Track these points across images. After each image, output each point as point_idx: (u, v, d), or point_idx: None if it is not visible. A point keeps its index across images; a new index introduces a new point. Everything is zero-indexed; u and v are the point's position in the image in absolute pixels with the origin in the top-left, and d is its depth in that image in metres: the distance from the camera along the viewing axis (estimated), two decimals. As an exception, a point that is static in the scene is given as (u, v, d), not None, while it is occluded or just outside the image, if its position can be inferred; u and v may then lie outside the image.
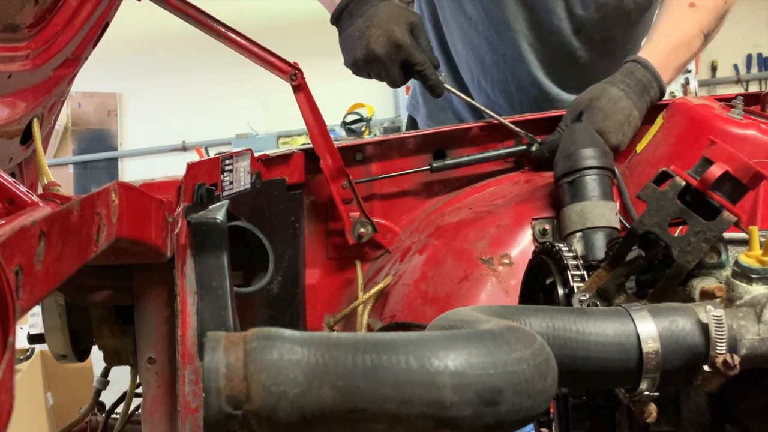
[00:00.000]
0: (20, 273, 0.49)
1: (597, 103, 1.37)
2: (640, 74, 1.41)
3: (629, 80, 1.40)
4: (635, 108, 1.37)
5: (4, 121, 0.91)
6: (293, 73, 1.30)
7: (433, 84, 1.44)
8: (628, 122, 1.36)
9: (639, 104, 1.38)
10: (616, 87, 1.39)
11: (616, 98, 1.37)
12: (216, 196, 1.05)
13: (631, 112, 1.37)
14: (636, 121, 1.37)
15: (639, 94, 1.38)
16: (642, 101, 1.39)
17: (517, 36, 1.67)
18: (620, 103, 1.37)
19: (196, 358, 0.94)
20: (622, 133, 1.35)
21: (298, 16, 5.78)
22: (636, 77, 1.41)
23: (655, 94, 1.41)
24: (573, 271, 0.90)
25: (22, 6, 0.92)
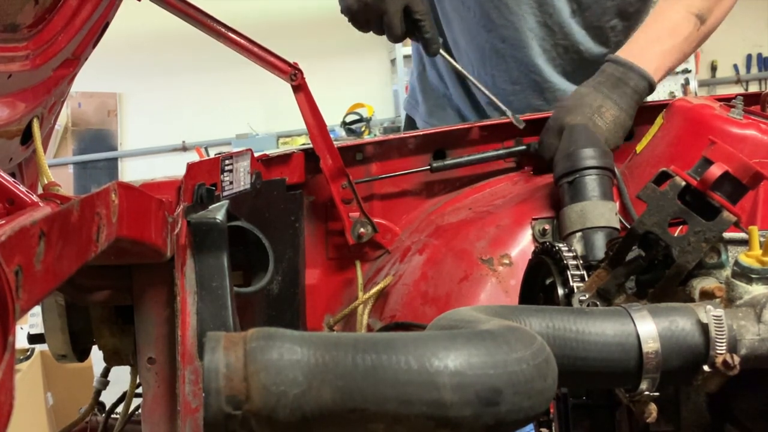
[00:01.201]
0: (20, 273, 0.49)
1: (562, 102, 1.40)
2: (611, 69, 1.40)
3: (599, 77, 1.40)
4: (608, 99, 1.36)
5: (4, 121, 0.91)
6: (293, 73, 1.30)
7: (430, 38, 1.42)
8: (599, 114, 1.34)
9: (613, 96, 1.36)
10: (584, 87, 1.40)
11: (583, 94, 1.38)
12: (216, 196, 1.05)
13: (603, 104, 1.35)
14: (613, 112, 1.35)
15: (611, 87, 1.37)
16: (618, 92, 1.37)
17: (516, 19, 1.66)
18: (587, 99, 1.36)
19: (196, 358, 0.94)
20: (592, 123, 1.34)
21: (298, 16, 5.79)
22: (606, 73, 1.40)
23: (637, 83, 1.38)
24: (573, 271, 0.90)
25: (22, 6, 0.92)
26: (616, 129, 1.35)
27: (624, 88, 1.37)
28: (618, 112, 1.36)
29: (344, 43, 5.87)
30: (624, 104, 1.36)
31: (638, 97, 1.38)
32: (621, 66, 1.39)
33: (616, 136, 1.36)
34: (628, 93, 1.37)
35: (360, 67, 6.03)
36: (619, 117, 1.36)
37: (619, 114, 1.36)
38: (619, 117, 1.36)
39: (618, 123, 1.35)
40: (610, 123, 1.35)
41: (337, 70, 5.71)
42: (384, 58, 6.03)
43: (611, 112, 1.35)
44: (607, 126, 1.34)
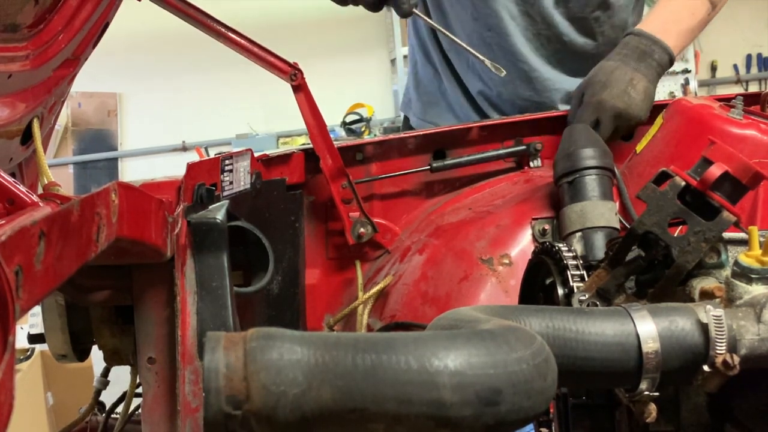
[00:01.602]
0: (20, 273, 0.49)
1: (594, 78, 1.40)
2: (635, 42, 1.41)
3: (624, 50, 1.41)
4: (637, 72, 1.37)
5: (4, 121, 0.91)
6: (293, 73, 1.30)
7: None
8: (632, 86, 1.36)
9: (641, 68, 1.38)
10: (610, 61, 1.41)
11: (612, 68, 1.39)
12: (216, 196, 1.05)
13: (633, 76, 1.37)
14: (643, 83, 1.37)
15: (637, 59, 1.39)
16: (644, 65, 1.39)
17: (499, 7, 1.65)
18: (617, 72, 1.38)
19: (196, 358, 0.94)
20: (628, 97, 1.35)
21: (298, 16, 5.78)
22: (631, 45, 1.41)
23: (660, 56, 1.40)
24: (573, 271, 0.90)
25: (22, 6, 0.92)
26: (647, 101, 1.38)
27: (649, 60, 1.39)
28: (647, 84, 1.38)
29: (344, 43, 5.87)
30: (650, 76, 1.39)
31: (661, 70, 1.41)
32: (645, 39, 1.41)
33: (646, 107, 1.38)
34: (653, 65, 1.39)
35: (360, 67, 6.03)
36: (648, 88, 1.38)
37: (648, 85, 1.38)
38: (649, 88, 1.38)
39: (648, 94, 1.38)
40: (642, 94, 1.37)
41: (337, 70, 5.71)
42: (384, 58, 6.02)
43: (642, 84, 1.37)
44: (640, 98, 1.37)
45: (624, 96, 1.36)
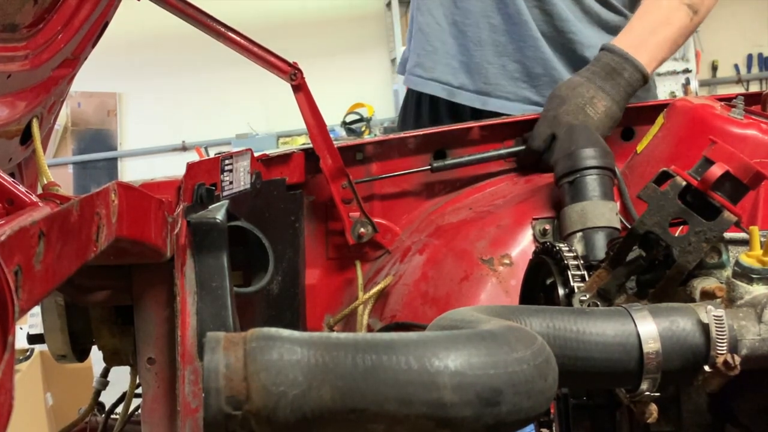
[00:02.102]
0: (20, 273, 0.49)
1: (555, 92, 1.40)
2: (607, 59, 1.40)
3: (594, 67, 1.41)
4: (601, 90, 1.37)
5: (3, 121, 0.91)
6: (293, 72, 1.30)
7: None
8: (592, 104, 1.35)
9: (606, 87, 1.37)
10: (578, 76, 1.41)
11: (576, 84, 1.39)
12: (216, 196, 1.05)
13: (595, 95, 1.36)
14: (605, 103, 1.36)
15: (605, 78, 1.38)
16: (611, 84, 1.38)
17: None
18: (579, 89, 1.37)
19: (195, 359, 0.94)
20: (584, 114, 1.35)
21: (298, 16, 5.79)
22: (602, 62, 1.40)
23: (631, 75, 1.39)
24: (573, 271, 0.90)
25: (22, 6, 0.91)
26: (606, 120, 1.37)
27: (618, 79, 1.38)
28: (610, 104, 1.37)
29: (344, 43, 5.87)
30: (616, 95, 1.38)
31: (631, 89, 1.39)
32: (617, 56, 1.40)
33: (606, 127, 1.37)
34: (621, 84, 1.38)
35: (360, 67, 6.03)
36: (610, 108, 1.37)
37: (611, 105, 1.37)
38: (611, 108, 1.37)
39: (609, 114, 1.37)
40: (602, 114, 1.36)
41: (337, 70, 5.71)
42: (384, 57, 6.02)
43: (603, 103, 1.36)
44: (598, 116, 1.36)
45: (580, 113, 1.35)
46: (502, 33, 1.67)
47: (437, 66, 1.74)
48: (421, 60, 1.77)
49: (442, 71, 1.73)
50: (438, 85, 1.74)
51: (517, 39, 1.65)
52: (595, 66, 1.41)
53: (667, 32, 1.45)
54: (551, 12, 1.62)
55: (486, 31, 1.68)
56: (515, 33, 1.64)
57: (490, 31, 1.68)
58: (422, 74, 1.77)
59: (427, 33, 1.76)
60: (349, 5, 5.93)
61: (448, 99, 1.72)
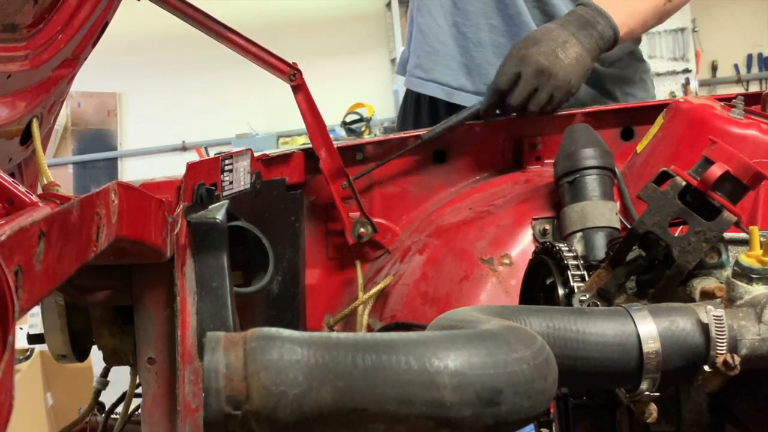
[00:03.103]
0: (20, 273, 0.49)
1: (528, 35, 1.40)
2: (581, 11, 1.41)
3: (568, 17, 1.41)
4: (573, 37, 1.37)
5: (3, 121, 0.91)
6: (292, 73, 1.30)
7: None
8: (563, 48, 1.35)
9: (579, 35, 1.37)
10: (552, 23, 1.41)
11: (550, 29, 1.39)
12: (216, 196, 1.05)
13: (568, 39, 1.36)
14: (577, 49, 1.36)
15: (578, 27, 1.38)
16: (584, 33, 1.38)
17: None
18: (553, 33, 1.37)
19: (196, 358, 0.94)
20: (554, 56, 1.34)
21: (298, 16, 5.78)
22: (576, 14, 1.41)
23: (603, 29, 1.39)
24: (573, 271, 0.90)
25: (22, 6, 0.91)
26: (578, 67, 1.36)
27: (590, 30, 1.38)
28: (581, 51, 1.36)
29: (344, 43, 5.87)
30: (588, 45, 1.37)
31: (602, 43, 1.39)
32: (591, 10, 1.40)
33: (577, 74, 1.36)
34: (594, 36, 1.38)
35: (360, 67, 6.03)
36: (582, 56, 1.36)
37: (582, 53, 1.36)
38: (582, 56, 1.36)
39: (580, 62, 1.36)
40: (573, 59, 1.36)
41: (337, 70, 5.71)
42: (384, 57, 6.02)
43: (575, 50, 1.36)
44: (569, 61, 1.35)
45: (551, 55, 1.34)
46: (503, 34, 1.67)
47: (436, 67, 1.74)
48: (421, 61, 1.77)
49: (441, 72, 1.73)
50: (437, 86, 1.74)
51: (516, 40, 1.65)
52: (569, 16, 1.42)
53: (642, 5, 1.46)
54: (552, 13, 1.62)
55: (486, 32, 1.68)
56: (516, 34, 1.64)
57: (490, 32, 1.68)
58: (422, 75, 1.77)
59: (427, 34, 1.76)
60: (348, 5, 5.93)
61: (447, 100, 1.72)
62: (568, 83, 1.36)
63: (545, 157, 1.47)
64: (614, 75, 1.69)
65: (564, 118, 1.46)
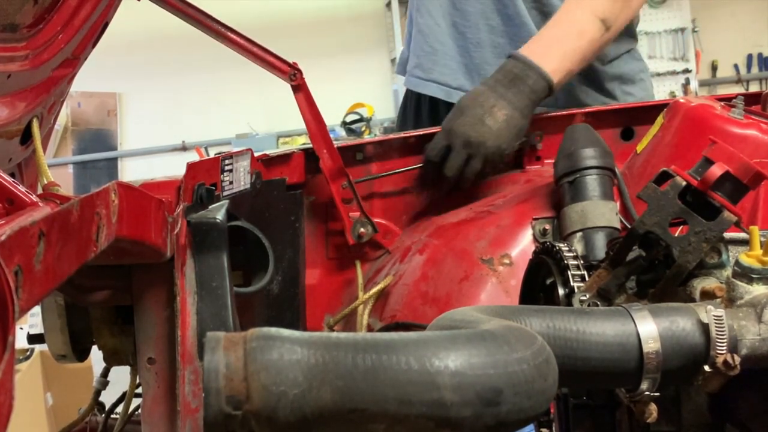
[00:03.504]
0: (20, 273, 0.49)
1: (457, 103, 1.38)
2: (510, 65, 1.37)
3: (498, 74, 1.38)
4: (502, 99, 1.34)
5: (3, 121, 0.91)
6: (293, 73, 1.30)
7: None
8: (491, 114, 1.33)
9: (508, 95, 1.34)
10: (482, 85, 1.38)
11: (477, 93, 1.36)
12: (216, 196, 1.05)
13: (496, 104, 1.33)
14: (506, 111, 1.33)
15: (508, 85, 1.35)
16: (513, 91, 1.35)
17: None
18: (480, 98, 1.35)
19: (196, 358, 0.94)
20: (482, 125, 1.32)
21: (298, 16, 5.78)
22: (505, 69, 1.38)
23: (534, 82, 1.35)
24: (573, 271, 0.90)
25: (22, 6, 0.91)
26: (507, 130, 1.34)
27: (520, 86, 1.35)
28: (511, 111, 1.33)
29: (344, 43, 5.87)
30: (519, 103, 1.34)
31: (535, 96, 1.35)
32: (520, 63, 1.37)
33: (507, 137, 1.34)
34: (525, 91, 1.35)
35: (360, 67, 6.03)
36: (512, 116, 1.34)
37: (512, 113, 1.34)
38: (512, 116, 1.34)
39: (511, 123, 1.34)
40: (502, 123, 1.33)
41: (337, 70, 5.71)
42: (384, 58, 6.02)
43: (503, 112, 1.33)
44: (498, 126, 1.33)
45: (477, 125, 1.33)
46: (501, 34, 1.67)
47: (436, 67, 1.74)
48: (421, 61, 1.77)
49: (440, 72, 1.74)
50: (436, 86, 1.75)
51: (517, 40, 1.65)
52: (498, 74, 1.38)
53: (576, 43, 1.40)
54: (550, 14, 1.61)
55: (485, 33, 1.68)
56: (514, 34, 1.64)
57: (489, 32, 1.68)
58: (421, 75, 1.78)
59: (426, 34, 1.76)
60: (348, 5, 5.93)
61: (446, 100, 1.72)
62: (499, 148, 1.34)
63: (545, 157, 1.47)
64: (613, 73, 1.68)
65: (564, 118, 1.46)
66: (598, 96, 1.66)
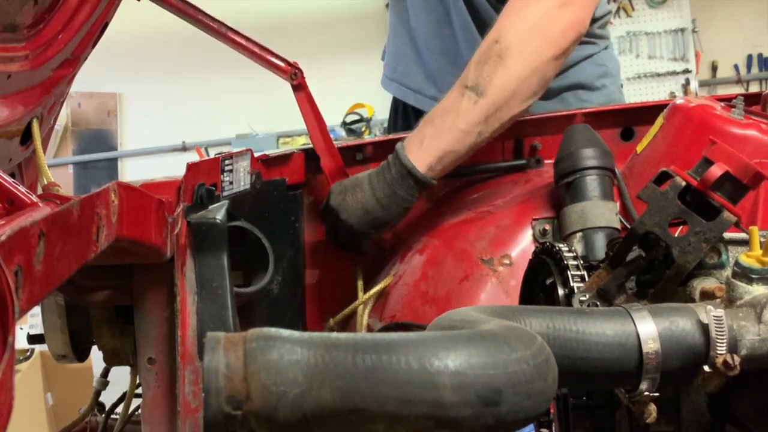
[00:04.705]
0: (20, 273, 0.49)
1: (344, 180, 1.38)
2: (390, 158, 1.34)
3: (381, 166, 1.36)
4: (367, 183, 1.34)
5: (3, 121, 0.91)
6: (293, 72, 1.30)
7: None
8: (353, 192, 1.34)
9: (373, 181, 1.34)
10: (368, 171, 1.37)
11: (359, 177, 1.37)
12: (216, 196, 1.05)
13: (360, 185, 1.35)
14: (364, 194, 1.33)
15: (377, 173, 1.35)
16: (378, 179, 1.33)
17: None
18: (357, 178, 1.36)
19: (196, 358, 0.94)
20: (342, 198, 1.34)
21: (298, 16, 5.78)
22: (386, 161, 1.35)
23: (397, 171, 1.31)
24: (573, 272, 0.90)
25: (22, 6, 0.92)
26: (360, 211, 1.34)
27: (385, 175, 1.33)
28: (368, 197, 1.33)
29: (344, 43, 5.87)
30: (379, 191, 1.33)
31: (397, 186, 1.32)
32: (393, 155, 1.34)
33: (357, 217, 1.34)
34: (387, 180, 1.33)
35: (360, 68, 6.01)
36: (367, 202, 1.33)
37: (369, 199, 1.33)
38: (368, 202, 1.33)
39: (365, 207, 1.34)
40: (358, 203, 1.34)
41: (338, 69, 5.71)
42: (384, 58, 6.02)
43: (361, 195, 1.34)
44: (353, 205, 1.34)
45: (339, 196, 1.35)
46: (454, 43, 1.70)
47: (398, 67, 1.82)
48: (389, 59, 1.87)
49: (402, 73, 1.81)
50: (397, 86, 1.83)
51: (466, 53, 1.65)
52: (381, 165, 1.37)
53: (446, 124, 1.30)
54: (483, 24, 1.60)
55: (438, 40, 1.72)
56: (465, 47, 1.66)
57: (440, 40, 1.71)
58: (388, 74, 1.87)
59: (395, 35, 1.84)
60: (348, 5, 5.93)
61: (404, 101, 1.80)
62: (347, 222, 1.34)
63: (545, 158, 1.47)
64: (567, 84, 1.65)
65: (564, 118, 1.47)
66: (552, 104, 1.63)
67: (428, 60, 1.74)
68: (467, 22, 1.65)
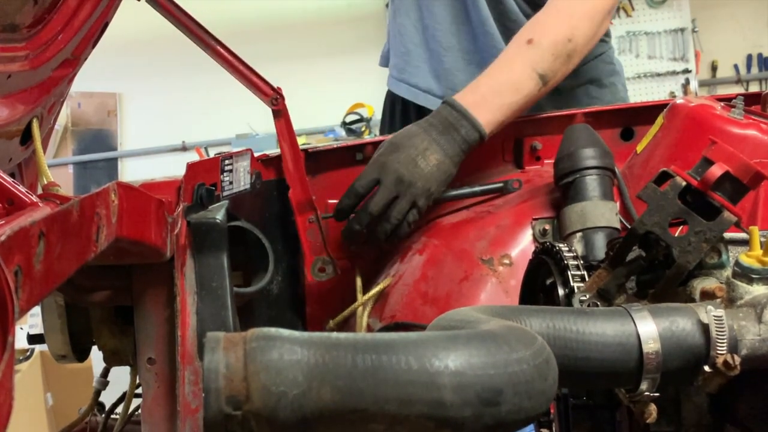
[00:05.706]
0: (20, 273, 0.49)
1: (391, 139, 1.35)
2: (446, 113, 1.34)
3: (432, 119, 1.35)
4: (435, 143, 1.32)
5: (3, 121, 0.91)
6: (275, 97, 1.28)
7: None
8: (424, 156, 1.31)
9: (441, 141, 1.32)
10: (416, 126, 1.36)
11: (413, 134, 1.33)
12: (216, 196, 1.05)
13: (429, 147, 1.31)
14: (437, 156, 1.31)
15: (441, 131, 1.33)
16: (446, 138, 1.32)
17: None
18: (415, 139, 1.32)
19: (195, 359, 0.94)
20: (414, 165, 1.30)
21: (297, 16, 5.78)
22: (441, 116, 1.35)
23: (467, 132, 1.32)
24: (573, 272, 0.90)
25: (22, 6, 0.91)
26: (438, 174, 1.32)
27: (454, 134, 1.33)
28: (443, 158, 1.32)
29: (344, 43, 5.87)
30: (450, 150, 1.32)
31: (466, 146, 1.33)
32: (456, 111, 1.34)
33: (437, 180, 1.32)
34: (457, 140, 1.33)
35: (360, 67, 6.01)
36: (443, 163, 1.32)
37: (444, 160, 1.32)
38: (443, 163, 1.32)
39: (441, 169, 1.32)
40: (433, 167, 1.31)
41: (337, 70, 5.70)
42: (384, 58, 6.02)
43: (435, 156, 1.31)
44: (429, 169, 1.31)
45: (410, 164, 1.30)
46: (470, 41, 1.68)
47: (407, 68, 1.79)
48: (396, 61, 1.83)
49: (411, 74, 1.78)
50: (406, 87, 1.80)
51: (482, 49, 1.65)
52: (433, 118, 1.36)
53: (512, 98, 1.37)
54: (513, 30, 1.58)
55: (454, 38, 1.70)
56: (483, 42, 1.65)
57: (458, 38, 1.70)
58: (395, 75, 1.84)
59: (402, 34, 1.80)
60: (348, 5, 5.93)
61: (413, 101, 1.76)
62: (428, 191, 1.32)
63: (545, 157, 1.47)
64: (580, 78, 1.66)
65: (564, 118, 1.47)
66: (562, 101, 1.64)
67: (441, 58, 1.72)
68: (486, 18, 1.64)
